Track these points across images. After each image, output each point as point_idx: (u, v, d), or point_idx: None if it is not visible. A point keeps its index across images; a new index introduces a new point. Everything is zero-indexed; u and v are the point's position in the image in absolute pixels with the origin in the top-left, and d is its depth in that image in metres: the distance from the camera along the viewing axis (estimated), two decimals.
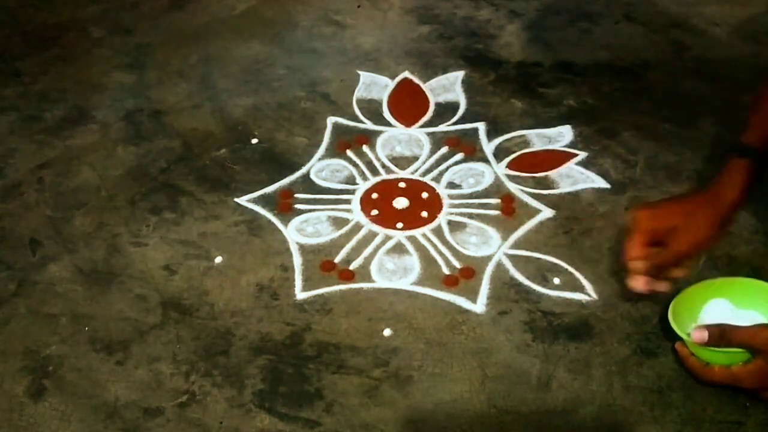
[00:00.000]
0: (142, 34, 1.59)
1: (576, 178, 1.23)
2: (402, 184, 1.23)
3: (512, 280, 1.08)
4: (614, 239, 1.12)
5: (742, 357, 0.88)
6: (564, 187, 1.21)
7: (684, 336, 0.90)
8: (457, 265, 1.10)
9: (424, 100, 1.39)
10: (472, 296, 1.06)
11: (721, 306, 0.95)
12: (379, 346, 1.00)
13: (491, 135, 1.31)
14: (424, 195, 1.21)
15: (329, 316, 1.04)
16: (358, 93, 1.41)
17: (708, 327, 0.89)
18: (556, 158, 1.26)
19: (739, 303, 0.95)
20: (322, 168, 1.26)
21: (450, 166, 1.26)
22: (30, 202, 1.22)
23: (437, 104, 1.38)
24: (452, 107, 1.37)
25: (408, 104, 1.39)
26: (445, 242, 1.14)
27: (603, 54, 1.49)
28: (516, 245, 1.13)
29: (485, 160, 1.27)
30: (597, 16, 1.59)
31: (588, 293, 1.05)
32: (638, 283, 0.95)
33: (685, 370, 0.93)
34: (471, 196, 1.21)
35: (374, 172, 1.25)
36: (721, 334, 0.88)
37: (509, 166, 1.26)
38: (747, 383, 0.88)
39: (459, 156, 1.27)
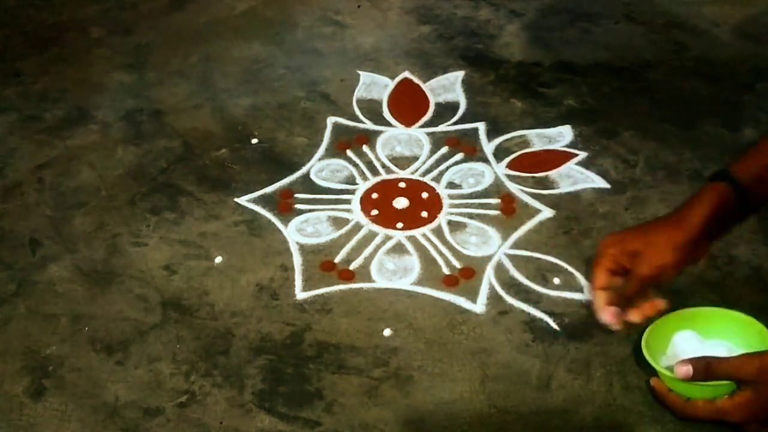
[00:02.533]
0: (142, 34, 1.59)
1: (576, 178, 1.23)
2: (402, 184, 1.23)
3: (512, 280, 1.08)
4: None
5: (726, 389, 0.82)
6: (564, 187, 1.21)
7: (662, 371, 0.85)
8: (457, 265, 1.10)
9: (424, 100, 1.39)
10: (472, 296, 1.06)
11: (688, 338, 0.90)
12: (379, 346, 1.00)
13: (491, 135, 1.31)
14: (424, 195, 1.21)
15: (329, 316, 1.04)
16: (358, 93, 1.41)
17: (691, 361, 0.82)
18: (556, 158, 1.26)
19: (706, 334, 0.90)
20: (322, 168, 1.26)
21: (450, 166, 1.26)
22: (30, 202, 1.22)
23: (437, 104, 1.38)
24: (452, 107, 1.37)
25: (408, 104, 1.39)
26: (445, 242, 1.14)
27: (603, 54, 1.49)
28: (516, 245, 1.13)
29: (485, 160, 1.27)
30: (597, 16, 1.59)
31: (588, 293, 1.05)
32: (606, 315, 0.88)
33: (664, 407, 0.87)
34: (471, 196, 1.21)
35: (374, 172, 1.25)
36: (706, 368, 0.82)
37: (509, 166, 1.26)
38: (735, 416, 0.82)
39: (459, 156, 1.27)
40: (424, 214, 1.18)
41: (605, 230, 1.13)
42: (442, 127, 1.33)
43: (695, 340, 0.90)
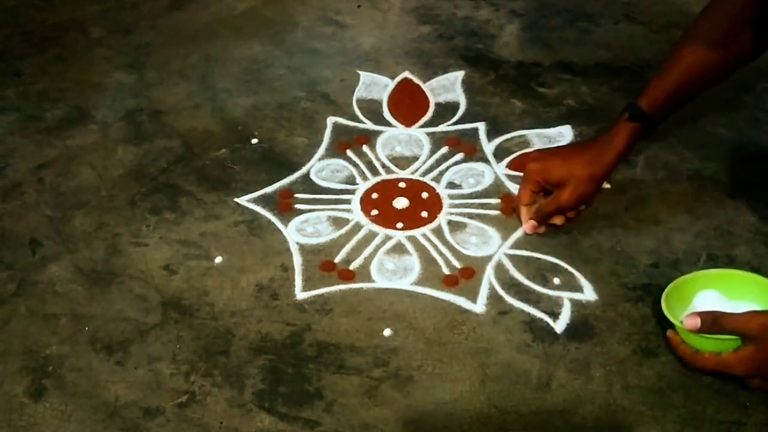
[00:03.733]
0: (142, 34, 1.59)
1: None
2: (402, 184, 1.23)
3: (512, 280, 1.08)
4: (614, 239, 1.12)
5: (732, 344, 0.88)
6: None
7: (676, 323, 0.92)
8: (457, 265, 1.10)
9: (424, 100, 1.39)
10: (472, 296, 1.06)
11: (711, 297, 0.95)
12: (379, 346, 1.00)
13: (491, 135, 1.31)
14: (424, 195, 1.21)
15: (329, 316, 1.04)
16: (358, 93, 1.41)
17: (700, 314, 0.90)
18: None
19: (731, 294, 0.95)
20: (322, 168, 1.26)
21: (450, 166, 1.26)
22: (30, 202, 1.22)
23: (437, 104, 1.38)
24: (452, 107, 1.37)
25: (408, 104, 1.39)
26: (445, 242, 1.14)
27: (603, 54, 1.49)
28: (516, 245, 1.13)
29: (485, 160, 1.27)
30: (597, 16, 1.59)
31: (588, 293, 1.05)
32: (527, 227, 1.12)
33: (676, 357, 0.94)
34: (471, 196, 1.21)
35: (374, 172, 1.25)
36: (713, 321, 0.89)
37: (509, 166, 1.26)
38: (737, 370, 0.89)
39: (459, 156, 1.27)
40: (424, 214, 1.18)
41: (605, 230, 1.13)
42: (442, 127, 1.33)
43: (718, 299, 0.95)
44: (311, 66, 1.48)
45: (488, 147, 1.29)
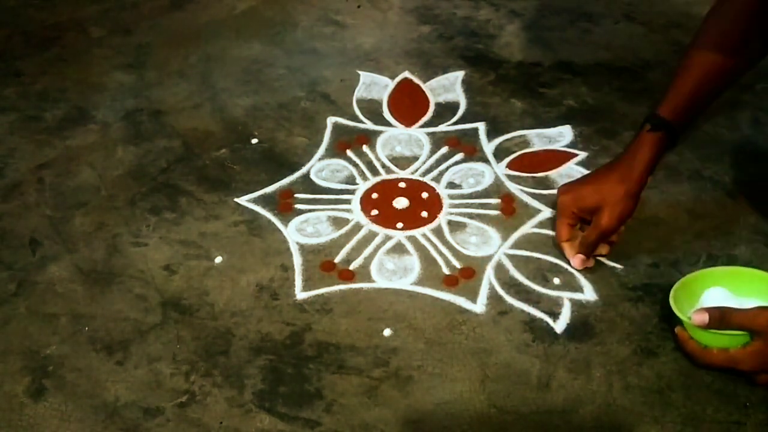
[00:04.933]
0: (142, 34, 1.59)
1: (576, 178, 1.22)
2: (402, 184, 1.23)
3: (512, 280, 1.08)
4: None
5: (740, 340, 0.89)
6: None
7: (684, 319, 0.92)
8: (457, 265, 1.10)
9: (424, 100, 1.39)
10: (472, 296, 1.06)
11: (719, 294, 0.96)
12: (379, 346, 1.00)
13: (491, 135, 1.31)
14: (424, 195, 1.21)
15: (329, 316, 1.04)
16: (358, 93, 1.41)
17: (708, 309, 0.90)
18: (556, 158, 1.26)
19: (738, 291, 0.96)
20: (322, 168, 1.26)
21: (450, 166, 1.26)
22: (30, 202, 1.22)
23: (437, 104, 1.38)
24: (452, 107, 1.38)
25: (408, 104, 1.39)
26: (445, 242, 1.14)
27: (603, 54, 1.49)
28: (516, 245, 1.13)
29: (485, 160, 1.27)
30: (597, 16, 1.59)
31: (588, 293, 1.05)
32: (576, 262, 1.07)
33: (684, 354, 0.95)
34: (471, 196, 1.21)
35: (374, 172, 1.25)
36: (721, 317, 0.89)
37: (509, 166, 1.26)
38: (745, 365, 0.89)
39: (459, 156, 1.28)
40: (424, 214, 1.18)
41: None
42: (442, 127, 1.33)
43: (725, 296, 0.95)
44: (311, 66, 1.48)
45: (488, 147, 1.29)
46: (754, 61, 1.08)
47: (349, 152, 1.29)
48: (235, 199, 1.21)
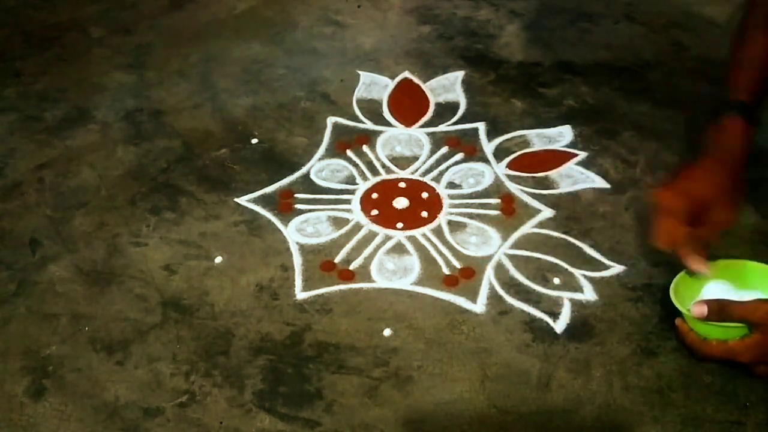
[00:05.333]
0: (142, 34, 1.59)
1: (576, 178, 1.23)
2: (402, 184, 1.23)
3: (512, 280, 1.08)
4: (614, 239, 1.12)
5: (739, 332, 0.89)
6: (564, 187, 1.21)
7: (684, 311, 0.92)
8: (457, 265, 1.10)
9: (424, 100, 1.39)
10: (472, 296, 1.06)
11: (719, 288, 0.96)
12: (379, 346, 1.00)
13: (491, 135, 1.31)
14: (424, 195, 1.21)
15: (329, 316, 1.04)
16: (358, 93, 1.41)
17: (707, 302, 0.90)
18: (556, 158, 1.26)
19: (739, 284, 0.96)
20: (322, 168, 1.26)
21: (450, 166, 1.26)
22: (30, 202, 1.22)
23: (437, 104, 1.38)
24: (452, 107, 1.38)
25: (408, 104, 1.39)
26: (445, 242, 1.14)
27: (603, 54, 1.49)
28: (516, 245, 1.13)
29: (485, 160, 1.27)
30: (597, 16, 1.59)
31: (588, 293, 1.05)
32: (700, 267, 0.95)
33: (684, 346, 0.94)
34: (471, 196, 1.21)
35: (374, 172, 1.25)
36: (720, 309, 0.89)
37: (509, 166, 1.26)
38: (744, 357, 0.89)
39: (459, 156, 1.27)
40: (424, 214, 1.18)
41: (605, 230, 1.13)
42: (442, 127, 1.33)
43: (725, 290, 0.95)
44: (311, 66, 1.48)
45: (488, 147, 1.29)
46: None
47: (349, 152, 1.29)
48: (235, 199, 1.21)
